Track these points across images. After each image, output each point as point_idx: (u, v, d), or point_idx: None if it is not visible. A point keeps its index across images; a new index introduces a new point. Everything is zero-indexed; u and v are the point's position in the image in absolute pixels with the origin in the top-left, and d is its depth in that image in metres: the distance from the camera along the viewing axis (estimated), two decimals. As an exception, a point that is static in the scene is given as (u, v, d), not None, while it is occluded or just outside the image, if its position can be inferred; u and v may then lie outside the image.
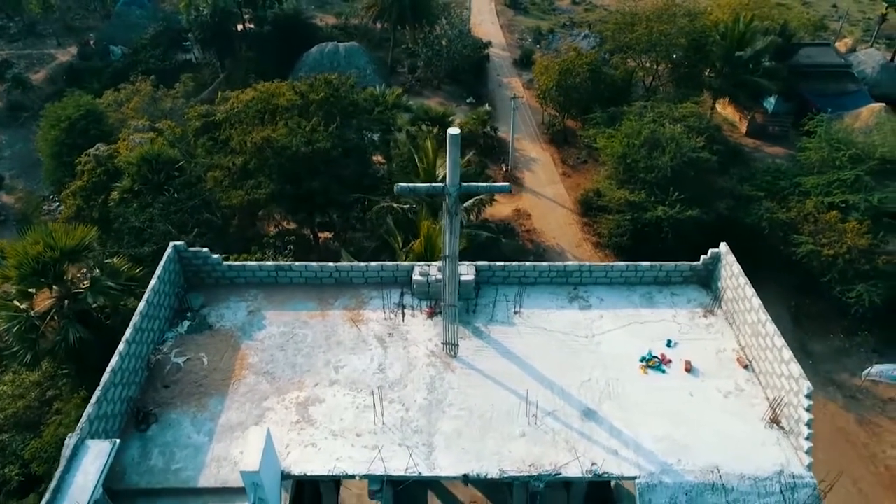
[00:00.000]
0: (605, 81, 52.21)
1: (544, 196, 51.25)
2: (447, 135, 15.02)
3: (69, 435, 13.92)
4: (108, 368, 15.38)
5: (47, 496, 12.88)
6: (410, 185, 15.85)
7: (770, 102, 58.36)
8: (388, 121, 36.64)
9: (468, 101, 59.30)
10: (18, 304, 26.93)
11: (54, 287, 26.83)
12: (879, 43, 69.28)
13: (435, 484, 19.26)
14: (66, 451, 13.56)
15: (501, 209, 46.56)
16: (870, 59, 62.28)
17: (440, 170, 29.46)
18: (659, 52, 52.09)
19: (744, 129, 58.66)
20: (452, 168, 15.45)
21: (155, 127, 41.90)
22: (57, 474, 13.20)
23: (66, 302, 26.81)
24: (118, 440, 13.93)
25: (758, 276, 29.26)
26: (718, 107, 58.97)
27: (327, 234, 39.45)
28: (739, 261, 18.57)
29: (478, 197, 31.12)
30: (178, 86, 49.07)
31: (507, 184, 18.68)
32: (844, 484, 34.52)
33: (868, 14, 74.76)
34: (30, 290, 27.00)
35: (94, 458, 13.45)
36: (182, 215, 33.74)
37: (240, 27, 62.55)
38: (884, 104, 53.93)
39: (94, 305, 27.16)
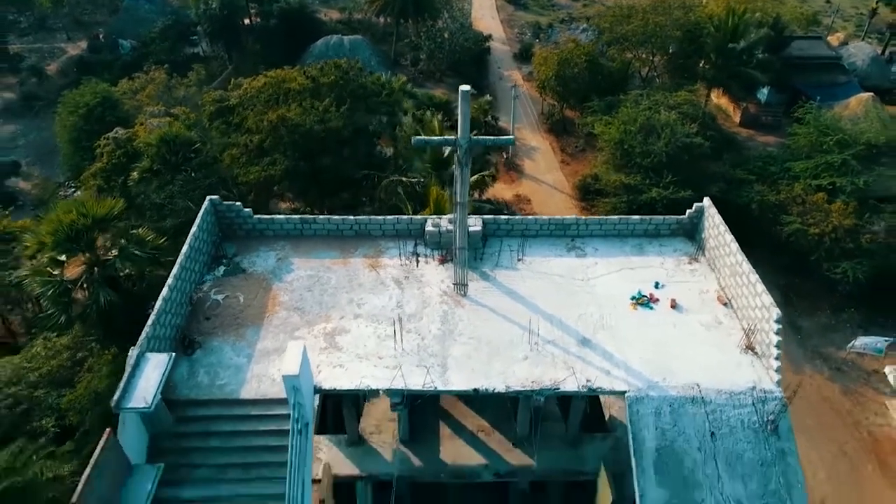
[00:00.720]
0: (603, 72, 54.59)
1: (544, 182, 53.53)
2: (459, 91, 17.35)
3: (131, 349, 16.17)
4: (160, 297, 17.68)
5: (117, 395, 15.13)
6: (426, 137, 18.14)
7: (763, 93, 60.79)
8: (394, 104, 38.98)
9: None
10: (51, 270, 29.18)
11: (85, 254, 29.02)
12: (871, 37, 71.80)
13: (445, 415, 21.50)
14: (129, 362, 15.81)
15: (503, 193, 48.81)
16: (860, 51, 64.78)
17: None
18: (654, 43, 54.48)
19: (737, 119, 61.01)
20: (463, 121, 17.79)
21: (170, 112, 44.15)
22: (123, 380, 15.45)
23: (95, 269, 28.98)
24: (174, 353, 16.20)
25: (749, 256, 32.12)
26: (713, 97, 61.28)
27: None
28: None
29: (482, 174, 33.36)
30: (191, 74, 51.43)
31: (511, 136, 20.99)
32: (830, 448, 36.97)
33: (861, 10, 77.39)
34: (60, 258, 29.22)
35: (154, 367, 15.71)
36: (200, 192, 35.94)
37: (247, 21, 64.89)
38: (872, 94, 56.38)
39: (122, 274, 29.31)
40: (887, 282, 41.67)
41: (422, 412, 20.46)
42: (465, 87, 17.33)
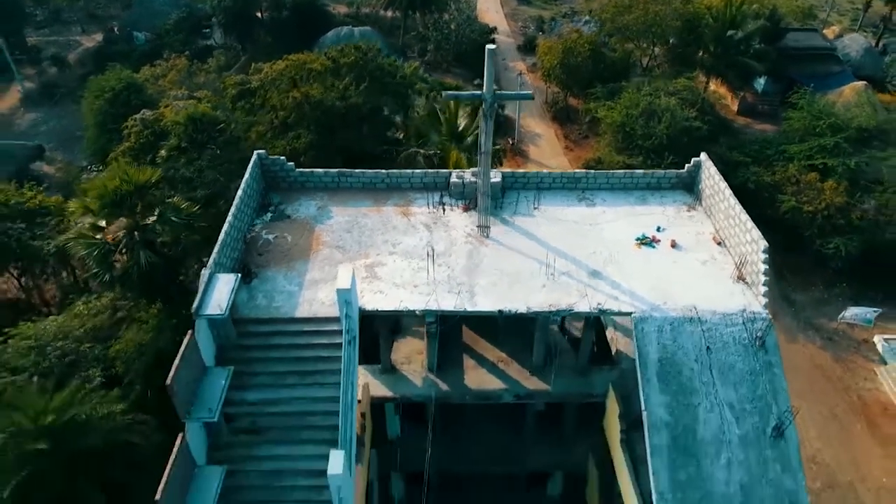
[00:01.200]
0: (605, 61, 57.42)
1: (548, 167, 56.21)
2: (485, 50, 20.05)
3: (203, 269, 18.81)
4: (221, 233, 20.26)
5: (195, 305, 17.77)
6: (455, 92, 20.81)
7: (760, 83, 63.69)
8: (408, 86, 41.65)
9: (475, 82, 64.36)
10: (93, 235, 31.91)
11: (126, 219, 31.68)
12: (865, 30, 74.79)
13: (468, 349, 24.13)
14: (203, 280, 18.45)
15: (510, 174, 51.47)
16: (854, 43, 67.69)
17: (461, 119, 34.50)
18: (655, 32, 57.29)
19: (735, 107, 63.89)
20: (488, 77, 20.49)
21: (193, 95, 46.78)
22: (199, 294, 18.06)
23: (135, 233, 31.68)
24: (239, 274, 18.85)
25: None
26: (712, 87, 64.08)
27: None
28: None
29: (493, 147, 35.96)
30: (211, 61, 54.20)
31: (530, 92, 23.66)
32: (821, 410, 39.76)
33: (856, 4, 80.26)
34: (100, 224, 31.87)
35: (224, 284, 18.35)
36: (227, 166, 38.61)
37: (259, 14, 67.64)
38: (865, 82, 59.27)
39: (159, 238, 31.93)
40: (876, 257, 44.49)
41: (447, 345, 23.11)
42: (490, 46, 20.06)
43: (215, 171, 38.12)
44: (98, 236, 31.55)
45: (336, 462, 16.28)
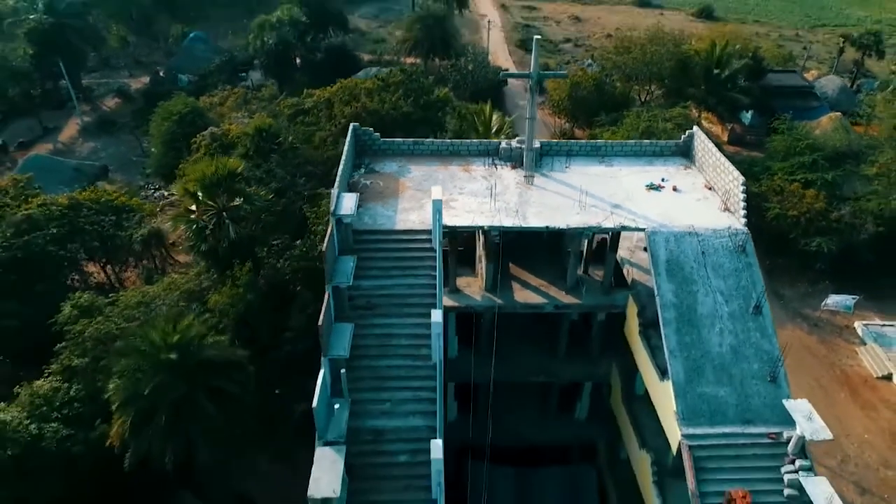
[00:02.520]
0: (608, 94, 66.25)
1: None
2: (533, 40, 28.14)
3: (332, 189, 26.28)
4: (338, 174, 27.83)
5: (332, 208, 25.16)
6: (509, 72, 28.76)
7: (747, 117, 72.76)
8: (443, 104, 50.03)
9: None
10: (190, 214, 39.48)
11: (217, 201, 39.25)
12: (842, 75, 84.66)
13: (514, 277, 31.34)
14: (333, 196, 25.88)
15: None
16: (830, 83, 77.32)
17: (494, 122, 42.70)
18: (651, 69, 66.46)
19: (725, 138, 72.67)
20: (534, 61, 28.55)
21: (252, 116, 55.17)
22: (332, 201, 25.49)
23: (224, 213, 39.26)
24: (358, 194, 26.38)
25: None
26: (704, 121, 73.02)
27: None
28: None
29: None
30: (264, 90, 62.80)
31: (565, 71, 31.66)
32: (809, 382, 46.62)
33: (833, 53, 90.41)
34: (192, 207, 39.48)
35: (349, 199, 25.88)
36: (291, 168, 46.51)
37: (295, 57, 77.04)
38: (840, 113, 68.30)
39: (241, 219, 39.25)
40: (853, 255, 52.10)
41: (499, 273, 30.38)
42: (537, 36, 28.14)
43: (283, 170, 46.05)
44: (193, 216, 39.26)
45: (436, 315, 23.40)
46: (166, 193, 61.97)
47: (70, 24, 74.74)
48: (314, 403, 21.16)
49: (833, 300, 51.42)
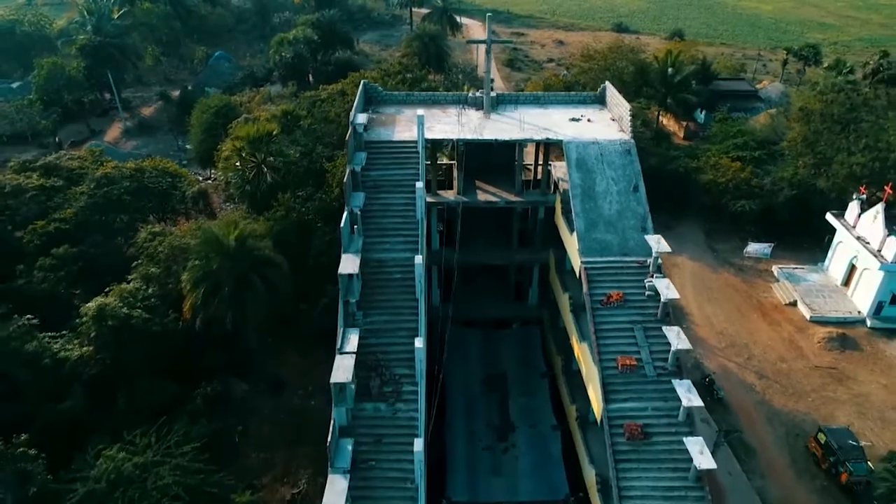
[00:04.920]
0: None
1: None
2: (487, 17, 43.84)
3: (352, 112, 41.51)
4: (353, 109, 43.15)
5: (351, 119, 40.38)
6: (471, 39, 44.42)
7: (700, 116, 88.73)
8: (435, 89, 65.92)
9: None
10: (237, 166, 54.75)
11: (257, 156, 54.60)
12: (789, 83, 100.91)
13: (479, 187, 46.37)
14: (351, 116, 41.12)
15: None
16: (775, 89, 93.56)
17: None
18: (612, 73, 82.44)
19: (682, 134, 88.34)
20: (487, 30, 44.17)
21: (277, 107, 70.98)
22: (352, 116, 40.78)
23: (262, 167, 54.52)
24: (368, 114, 41.72)
25: (683, 212, 62.47)
26: (663, 120, 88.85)
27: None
28: (666, 202, 48.50)
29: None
30: (285, 89, 78.95)
31: (511, 41, 47.30)
32: (731, 308, 61.03)
33: (789, 69, 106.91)
34: (236, 164, 54.89)
35: (361, 116, 41.18)
36: (313, 139, 62.01)
37: (308, 69, 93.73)
38: (776, 109, 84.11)
39: (277, 170, 54.35)
40: (772, 215, 66.96)
41: (466, 183, 45.37)
42: (489, 14, 43.82)
43: (307, 139, 61.55)
44: (238, 167, 54.68)
45: (419, 186, 38.36)
46: (202, 178, 77.35)
47: (114, 43, 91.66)
48: (342, 223, 36.04)
49: (752, 248, 66.42)
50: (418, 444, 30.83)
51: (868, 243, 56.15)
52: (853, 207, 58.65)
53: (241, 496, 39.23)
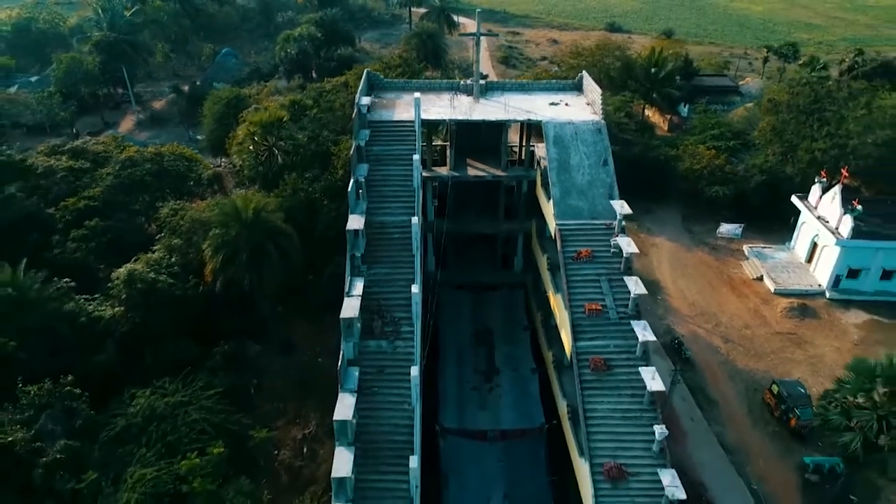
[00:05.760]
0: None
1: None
2: (476, 12, 50.71)
3: (357, 94, 48.28)
4: (358, 92, 49.92)
5: (357, 100, 47.17)
6: (464, 33, 51.34)
7: (684, 110, 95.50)
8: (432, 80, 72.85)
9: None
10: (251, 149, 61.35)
11: (268, 140, 61.34)
12: (770, 80, 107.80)
13: (470, 164, 53.17)
14: (357, 99, 47.87)
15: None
16: (755, 85, 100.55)
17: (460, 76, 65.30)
18: (600, 68, 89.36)
19: (666, 127, 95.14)
20: (478, 25, 51.01)
21: (285, 98, 77.74)
22: (357, 97, 47.56)
23: (273, 149, 61.28)
24: (370, 98, 48.51)
25: (663, 197, 70.20)
26: (648, 113, 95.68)
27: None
28: (647, 190, 56.96)
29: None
30: (292, 82, 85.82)
31: (497, 33, 54.22)
32: (703, 282, 67.66)
33: (770, 66, 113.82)
34: (249, 147, 61.60)
35: (365, 98, 47.90)
36: (319, 126, 68.78)
37: (312, 65, 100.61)
38: (753, 103, 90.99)
39: (286, 152, 61.11)
40: (744, 199, 73.55)
41: (458, 160, 52.14)
42: (479, 10, 50.64)
43: (314, 125, 68.30)
44: (251, 149, 61.39)
45: (416, 158, 45.09)
46: (212, 166, 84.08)
47: (127, 40, 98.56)
48: (349, 188, 42.75)
49: (724, 228, 73.11)
50: (414, 371, 37.46)
51: (827, 222, 62.68)
52: (815, 190, 65.26)
53: (259, 432, 45.59)
